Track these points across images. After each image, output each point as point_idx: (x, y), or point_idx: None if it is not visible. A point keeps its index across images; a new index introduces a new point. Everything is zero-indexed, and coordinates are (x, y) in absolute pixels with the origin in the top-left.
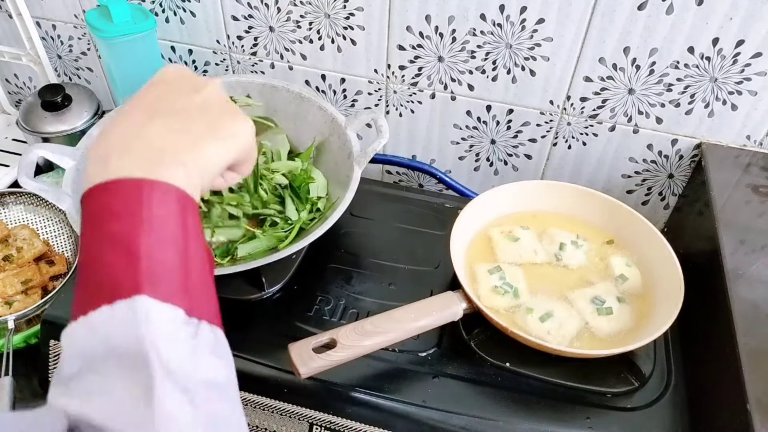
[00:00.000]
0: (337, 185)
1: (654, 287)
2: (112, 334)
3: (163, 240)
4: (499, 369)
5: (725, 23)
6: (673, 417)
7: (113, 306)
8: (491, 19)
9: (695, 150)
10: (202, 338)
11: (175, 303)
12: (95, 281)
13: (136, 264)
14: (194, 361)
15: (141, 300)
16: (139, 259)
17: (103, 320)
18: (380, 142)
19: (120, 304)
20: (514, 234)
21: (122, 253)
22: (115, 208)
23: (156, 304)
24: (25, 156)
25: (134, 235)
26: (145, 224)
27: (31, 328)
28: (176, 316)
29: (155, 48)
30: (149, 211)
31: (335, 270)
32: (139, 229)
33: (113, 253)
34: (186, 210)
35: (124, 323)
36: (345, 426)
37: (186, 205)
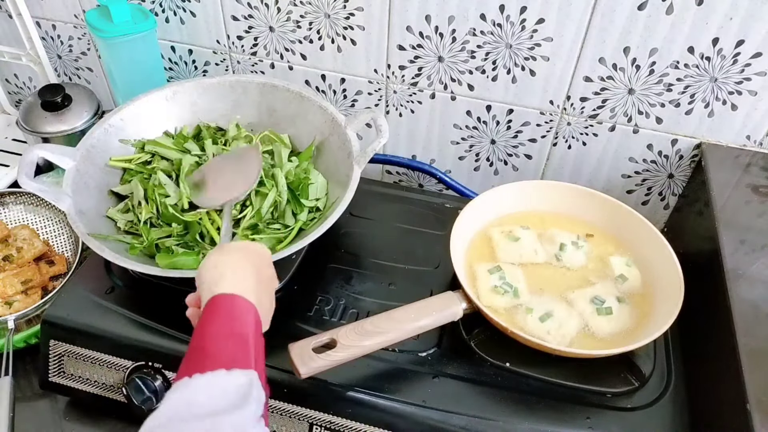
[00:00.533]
0: (336, 185)
1: (654, 287)
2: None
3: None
4: (499, 369)
5: (725, 23)
6: (673, 417)
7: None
8: (491, 19)
9: (695, 150)
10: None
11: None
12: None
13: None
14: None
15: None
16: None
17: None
18: (380, 142)
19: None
20: (514, 234)
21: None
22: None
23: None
24: (25, 156)
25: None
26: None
27: (31, 328)
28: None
29: (155, 48)
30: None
31: (335, 270)
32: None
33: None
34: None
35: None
36: (345, 426)
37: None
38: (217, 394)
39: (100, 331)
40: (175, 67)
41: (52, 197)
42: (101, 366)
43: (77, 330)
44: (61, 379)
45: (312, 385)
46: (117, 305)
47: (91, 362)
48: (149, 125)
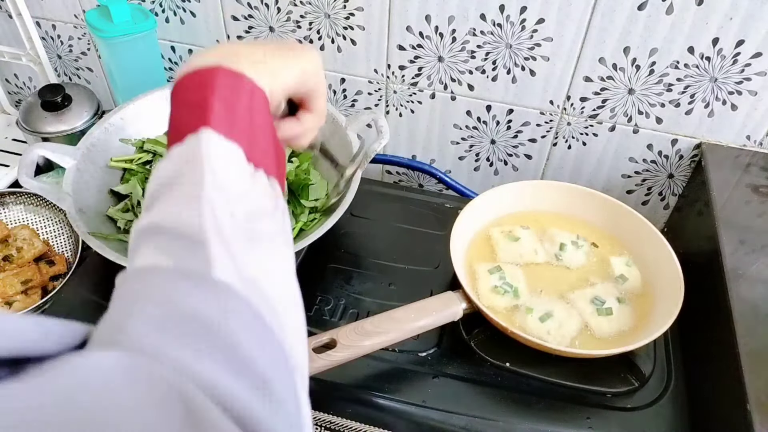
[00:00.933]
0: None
1: (654, 287)
2: (180, 158)
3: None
4: (499, 369)
5: (725, 23)
6: (673, 417)
7: (184, 142)
8: (491, 19)
9: (695, 150)
10: (258, 179)
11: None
12: (173, 133)
13: (205, 110)
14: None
15: (206, 131)
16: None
17: (176, 153)
18: (380, 143)
19: (189, 138)
20: (514, 234)
21: (195, 108)
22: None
23: (217, 136)
24: (25, 156)
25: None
26: (216, 90)
27: None
28: (235, 149)
29: (155, 48)
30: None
31: (335, 270)
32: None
33: (188, 110)
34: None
35: (190, 149)
36: (345, 426)
37: (253, 91)
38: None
39: None
40: (175, 67)
41: (52, 196)
42: None
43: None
44: None
45: (312, 385)
46: None
47: None
48: (149, 125)
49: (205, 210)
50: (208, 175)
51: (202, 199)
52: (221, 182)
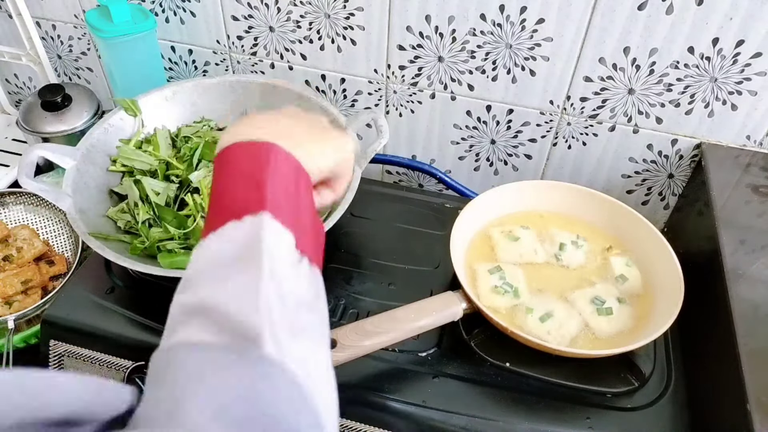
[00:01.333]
0: None
1: (654, 287)
2: (239, 238)
3: (282, 186)
4: (499, 369)
5: (725, 23)
6: (673, 417)
7: (242, 220)
8: (491, 19)
9: (695, 150)
10: (302, 267)
11: (290, 229)
12: (226, 206)
13: (263, 192)
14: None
15: (265, 215)
16: (265, 189)
17: (232, 229)
18: (380, 143)
19: (248, 218)
20: (514, 234)
21: (252, 184)
22: (247, 156)
23: (275, 223)
24: (25, 156)
25: (262, 174)
26: (271, 168)
27: (31, 328)
28: (288, 238)
29: (155, 48)
30: (275, 162)
31: (335, 270)
32: (266, 170)
33: (244, 184)
34: (299, 174)
35: (250, 229)
36: (345, 426)
37: (299, 171)
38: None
39: (100, 331)
40: (175, 67)
41: (52, 197)
42: (101, 366)
43: (77, 330)
44: None
45: None
46: (117, 305)
47: (91, 362)
48: (149, 125)
49: (261, 303)
50: (266, 263)
51: (260, 291)
52: (276, 271)
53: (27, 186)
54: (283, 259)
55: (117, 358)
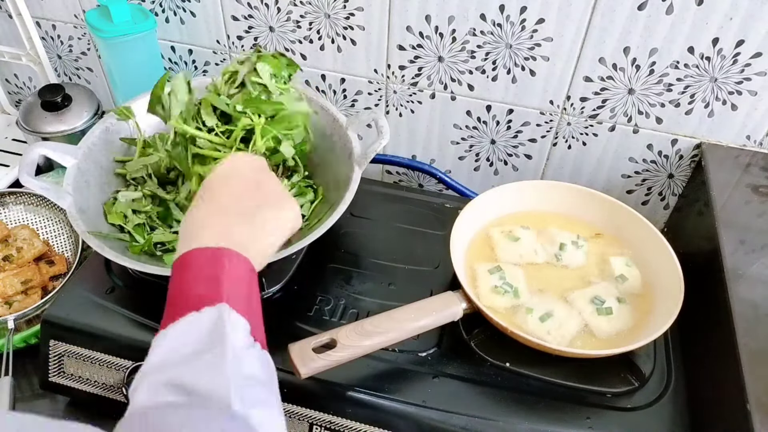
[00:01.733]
0: (337, 185)
1: (654, 287)
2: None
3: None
4: (499, 369)
5: (725, 23)
6: (673, 417)
7: (202, 311)
8: (491, 19)
9: (695, 150)
10: (255, 351)
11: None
12: (185, 302)
13: (221, 288)
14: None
15: (224, 307)
16: (222, 285)
17: (194, 319)
18: (381, 143)
19: (207, 309)
20: (514, 234)
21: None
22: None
23: (233, 312)
24: (26, 155)
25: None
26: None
27: (31, 328)
28: (244, 325)
29: (155, 48)
30: (229, 264)
31: (335, 270)
32: (222, 271)
33: (202, 283)
34: (251, 274)
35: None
36: (345, 426)
37: (251, 272)
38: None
39: (100, 331)
40: (175, 67)
41: (53, 195)
42: (101, 366)
43: (77, 330)
44: (61, 379)
45: (312, 385)
46: (117, 305)
47: (91, 362)
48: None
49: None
50: (228, 346)
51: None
52: (237, 353)
53: (28, 184)
54: (241, 343)
55: (117, 358)
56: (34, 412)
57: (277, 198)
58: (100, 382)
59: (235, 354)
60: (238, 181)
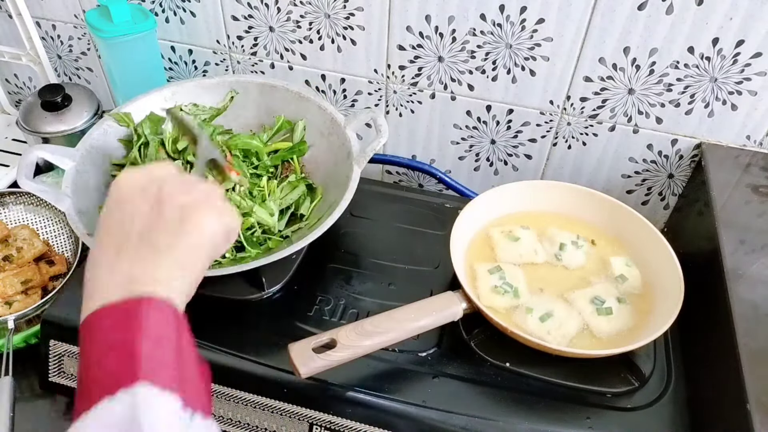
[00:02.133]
0: (336, 185)
1: (654, 287)
2: (115, 420)
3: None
4: (499, 369)
5: (725, 23)
6: (673, 417)
7: (115, 396)
8: (491, 19)
9: (695, 150)
10: (194, 426)
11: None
12: (98, 380)
13: (137, 360)
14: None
15: (141, 386)
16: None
17: (107, 409)
18: (380, 142)
19: (121, 393)
20: (514, 234)
21: (123, 353)
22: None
23: (155, 392)
24: (24, 157)
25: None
26: (143, 331)
27: (31, 328)
28: (172, 403)
29: (155, 48)
30: (147, 321)
31: (335, 270)
32: (137, 335)
33: (114, 355)
34: (178, 323)
35: (126, 407)
36: (345, 426)
37: (178, 320)
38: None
39: None
40: (175, 67)
41: (51, 198)
42: None
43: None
44: (61, 379)
45: (312, 385)
46: None
47: None
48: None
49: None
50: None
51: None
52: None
53: (26, 187)
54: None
55: None
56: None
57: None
58: None
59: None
60: (132, 205)
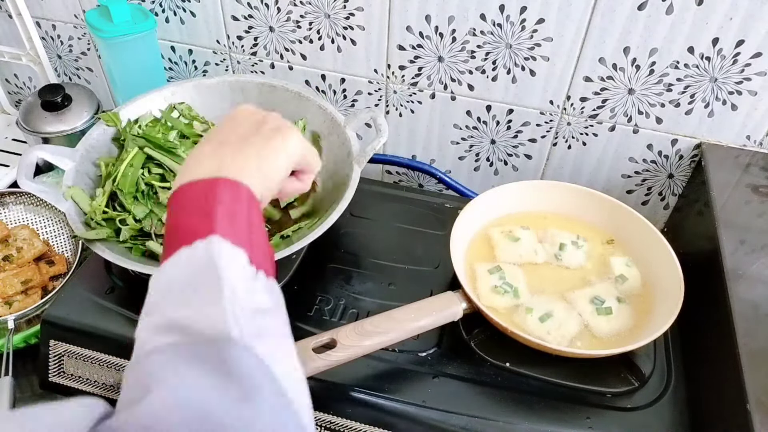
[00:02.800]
0: (336, 185)
1: (654, 287)
2: (194, 262)
3: (233, 211)
4: (499, 369)
5: (725, 23)
6: (673, 417)
7: (193, 245)
8: (491, 19)
9: (695, 150)
10: (259, 281)
11: (241, 247)
12: (178, 237)
13: (212, 219)
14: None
15: (215, 238)
16: (214, 217)
17: (186, 257)
18: (380, 141)
19: (198, 243)
20: (514, 234)
21: (200, 215)
22: (197, 193)
23: (226, 244)
24: (24, 157)
25: (211, 205)
26: (218, 199)
27: (31, 328)
28: (241, 256)
29: (155, 48)
30: (222, 193)
31: (335, 270)
32: (213, 201)
33: (193, 217)
34: (251, 201)
35: (203, 253)
36: (345, 426)
37: (250, 198)
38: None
39: (100, 331)
40: (175, 67)
41: (52, 198)
42: (101, 366)
43: (77, 330)
44: (61, 379)
45: (312, 385)
46: (117, 305)
47: (91, 362)
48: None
49: (227, 316)
50: (225, 282)
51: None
52: (235, 288)
53: (26, 187)
54: (239, 275)
55: (117, 358)
56: None
57: (279, 124)
58: (99, 382)
59: (230, 286)
60: (242, 119)
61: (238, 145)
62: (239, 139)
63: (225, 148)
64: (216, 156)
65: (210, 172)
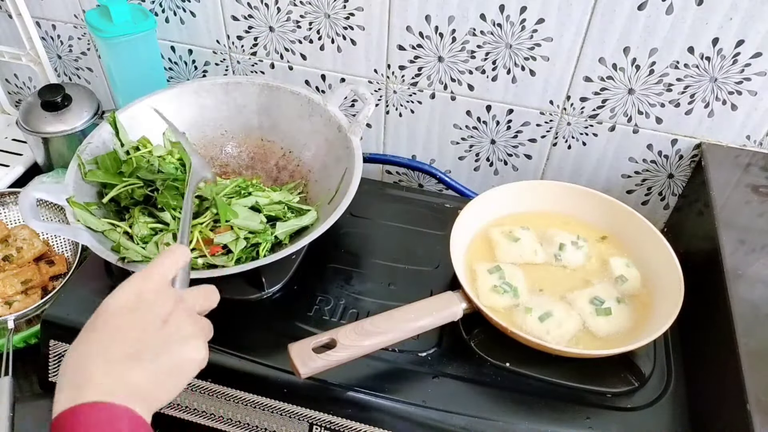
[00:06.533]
0: (336, 161)
1: (654, 287)
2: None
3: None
4: (499, 369)
5: (725, 23)
6: (673, 417)
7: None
8: (491, 19)
9: (695, 150)
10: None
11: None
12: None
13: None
14: None
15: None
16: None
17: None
18: (369, 108)
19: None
20: (514, 234)
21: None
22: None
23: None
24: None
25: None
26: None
27: (31, 328)
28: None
29: (155, 48)
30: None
31: (335, 270)
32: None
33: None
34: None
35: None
36: (345, 426)
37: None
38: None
39: None
40: (175, 67)
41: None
42: None
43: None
44: None
45: (312, 385)
46: None
47: None
48: (149, 127)
49: None
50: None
51: None
52: None
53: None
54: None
55: None
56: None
57: (184, 335)
58: None
59: None
60: (143, 314)
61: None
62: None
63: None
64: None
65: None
